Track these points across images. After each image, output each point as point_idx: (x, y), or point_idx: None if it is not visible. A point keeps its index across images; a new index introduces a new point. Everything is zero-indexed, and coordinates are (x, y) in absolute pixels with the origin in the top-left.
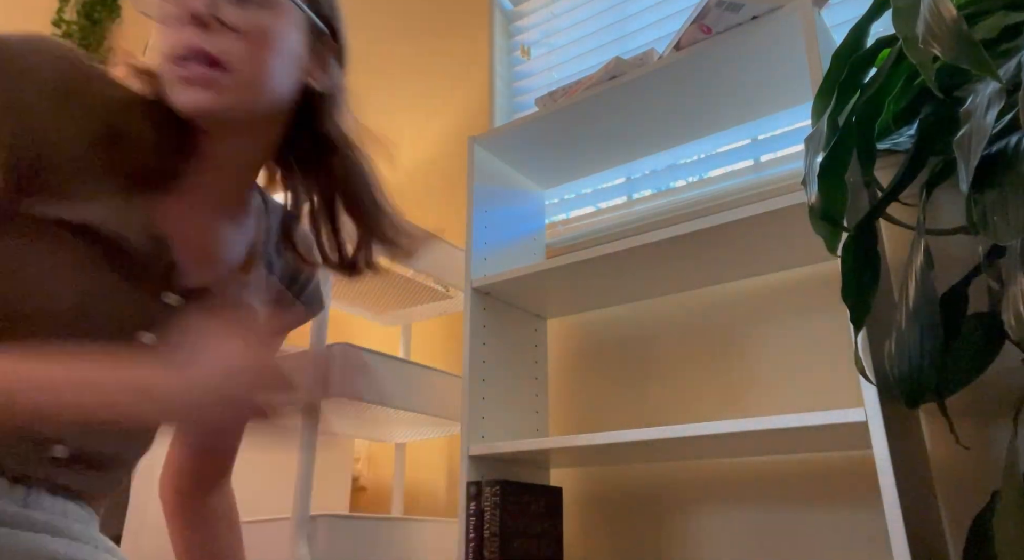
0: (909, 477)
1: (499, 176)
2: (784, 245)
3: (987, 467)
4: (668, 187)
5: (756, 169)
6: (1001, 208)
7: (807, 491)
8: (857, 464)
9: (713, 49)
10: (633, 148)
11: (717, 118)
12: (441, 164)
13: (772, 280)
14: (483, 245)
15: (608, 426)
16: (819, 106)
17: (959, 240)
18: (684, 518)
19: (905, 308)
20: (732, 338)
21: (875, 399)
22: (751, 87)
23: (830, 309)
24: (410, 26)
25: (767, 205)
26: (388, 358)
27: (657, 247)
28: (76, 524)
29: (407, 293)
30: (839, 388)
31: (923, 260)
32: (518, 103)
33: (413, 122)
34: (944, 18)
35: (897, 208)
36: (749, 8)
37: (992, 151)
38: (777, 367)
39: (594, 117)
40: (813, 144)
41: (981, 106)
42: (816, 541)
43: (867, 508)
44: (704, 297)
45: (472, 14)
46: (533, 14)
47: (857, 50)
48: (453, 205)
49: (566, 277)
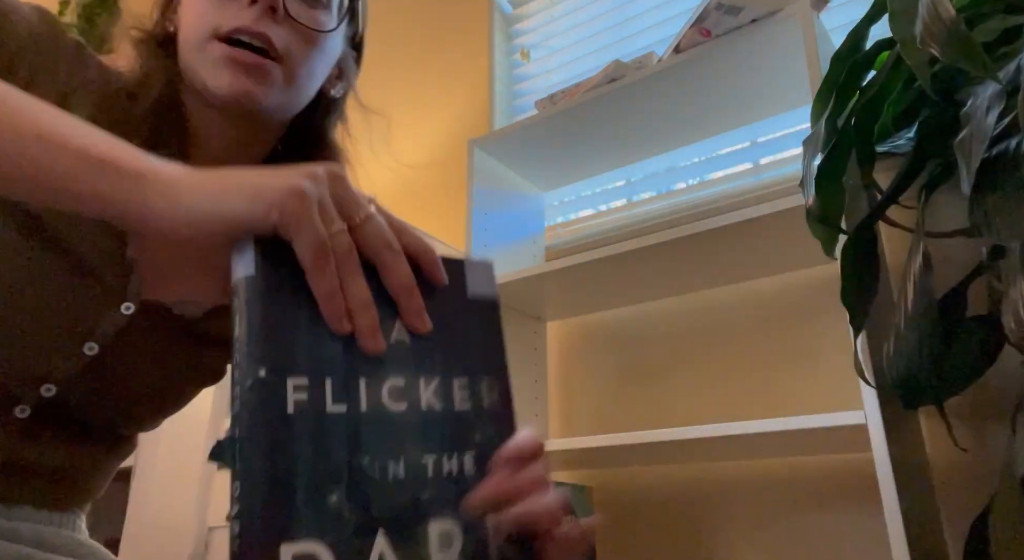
0: (908, 479)
1: (499, 178)
2: (784, 247)
3: (987, 469)
4: (668, 190)
5: (756, 171)
6: (1003, 210)
7: (806, 493)
8: (856, 466)
9: (713, 52)
10: (633, 151)
11: (717, 121)
12: (441, 166)
13: (771, 283)
14: (483, 247)
15: (607, 429)
16: (818, 108)
17: (958, 243)
18: (684, 520)
19: (903, 310)
20: (732, 340)
21: (875, 402)
22: (751, 90)
23: (829, 312)
24: (410, 29)
25: (767, 208)
26: None
27: (657, 249)
28: (63, 530)
29: None
30: (838, 391)
31: (922, 262)
32: (518, 106)
33: (413, 124)
34: (942, 19)
35: (896, 211)
36: (748, 11)
37: (992, 153)
38: (776, 370)
39: (594, 120)
40: (811, 146)
41: (981, 108)
42: (816, 543)
43: (866, 510)
44: (704, 299)
45: (472, 17)
46: (533, 17)
47: (856, 53)
48: (453, 207)
49: (566, 279)
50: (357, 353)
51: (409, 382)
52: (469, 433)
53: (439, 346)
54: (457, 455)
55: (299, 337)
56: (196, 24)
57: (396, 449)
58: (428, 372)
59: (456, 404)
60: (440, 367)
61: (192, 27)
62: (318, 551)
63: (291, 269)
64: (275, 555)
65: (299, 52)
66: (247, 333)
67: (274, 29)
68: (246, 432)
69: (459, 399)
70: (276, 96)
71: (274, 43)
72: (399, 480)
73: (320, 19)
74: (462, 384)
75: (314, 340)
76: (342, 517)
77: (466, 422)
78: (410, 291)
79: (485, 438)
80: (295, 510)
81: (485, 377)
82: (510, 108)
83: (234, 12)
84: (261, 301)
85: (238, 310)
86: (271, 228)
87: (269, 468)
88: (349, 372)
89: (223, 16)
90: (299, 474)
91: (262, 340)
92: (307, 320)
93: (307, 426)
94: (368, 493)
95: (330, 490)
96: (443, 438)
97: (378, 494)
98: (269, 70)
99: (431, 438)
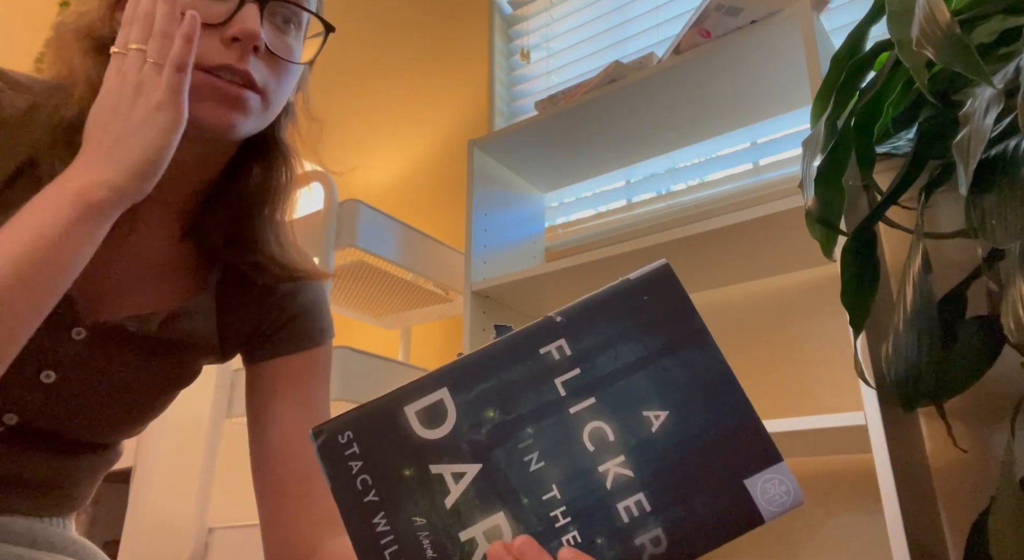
0: (909, 480)
1: (499, 179)
2: (784, 248)
3: (987, 470)
4: (668, 190)
5: (755, 172)
6: (1000, 211)
7: (807, 493)
8: (856, 467)
9: (712, 53)
10: (632, 151)
11: (716, 122)
12: (441, 167)
13: (772, 283)
14: (483, 248)
15: None
16: (817, 109)
17: (958, 243)
18: None
19: (903, 311)
20: (731, 341)
21: (875, 403)
22: (750, 91)
23: (829, 312)
24: (410, 29)
25: (767, 208)
26: (388, 361)
27: (656, 250)
28: (54, 528)
29: (407, 296)
30: (838, 391)
31: (921, 263)
32: (518, 106)
33: (413, 125)
34: (938, 22)
35: (896, 211)
36: (748, 12)
37: (991, 155)
38: (776, 370)
39: (593, 120)
40: (810, 147)
41: (980, 110)
42: (816, 544)
43: (867, 511)
44: (704, 300)
45: (472, 17)
46: (533, 18)
47: (856, 54)
48: (452, 208)
49: (565, 280)
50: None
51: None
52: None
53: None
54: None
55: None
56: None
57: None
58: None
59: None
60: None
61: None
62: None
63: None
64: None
65: (275, 81)
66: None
67: (254, 64)
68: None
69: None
70: (253, 123)
71: (254, 79)
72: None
73: (293, 47)
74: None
75: None
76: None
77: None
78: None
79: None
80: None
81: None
82: (510, 109)
83: (217, 48)
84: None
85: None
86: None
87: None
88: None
89: (205, 49)
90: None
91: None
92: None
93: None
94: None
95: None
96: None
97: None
98: (247, 99)
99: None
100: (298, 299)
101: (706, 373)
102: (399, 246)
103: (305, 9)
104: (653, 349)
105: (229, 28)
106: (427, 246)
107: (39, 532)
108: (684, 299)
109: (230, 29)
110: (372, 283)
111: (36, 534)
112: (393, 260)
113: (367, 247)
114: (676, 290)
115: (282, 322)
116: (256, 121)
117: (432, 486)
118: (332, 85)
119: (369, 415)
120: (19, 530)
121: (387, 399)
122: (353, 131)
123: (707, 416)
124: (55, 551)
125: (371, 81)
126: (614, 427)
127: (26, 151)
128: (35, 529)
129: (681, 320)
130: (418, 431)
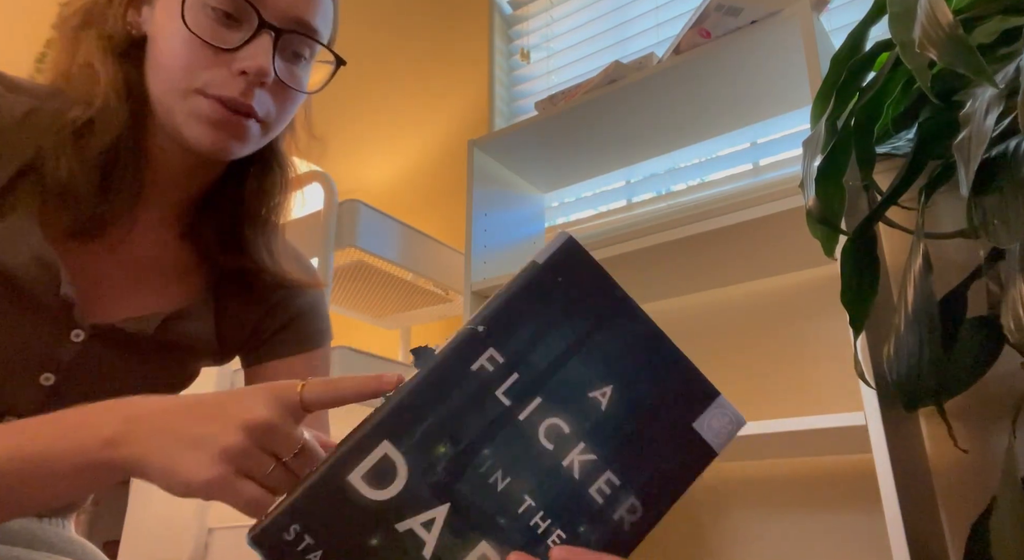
0: (909, 481)
1: (499, 179)
2: (784, 248)
3: (988, 471)
4: (668, 191)
5: (756, 173)
6: (1001, 212)
7: (806, 495)
8: (856, 467)
9: (712, 53)
10: (633, 151)
11: (717, 122)
12: (441, 167)
13: (771, 283)
14: (483, 248)
15: None
16: (817, 110)
17: (958, 244)
18: (683, 520)
19: (904, 311)
20: (731, 341)
21: (875, 403)
22: (750, 91)
23: (829, 312)
24: (410, 30)
25: (767, 209)
26: (388, 361)
27: (656, 250)
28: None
29: (407, 296)
30: (838, 391)
31: (922, 263)
32: (518, 107)
33: (413, 125)
34: (940, 23)
35: (896, 212)
36: (748, 12)
37: (992, 155)
38: (776, 371)
39: (594, 121)
40: (811, 147)
41: (980, 110)
42: (816, 545)
43: (867, 512)
44: (704, 300)
45: (472, 18)
46: (533, 18)
47: (856, 54)
48: (452, 208)
49: None
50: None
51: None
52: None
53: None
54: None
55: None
56: (180, 74)
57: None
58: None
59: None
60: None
61: (175, 73)
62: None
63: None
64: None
65: (279, 110)
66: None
67: (260, 97)
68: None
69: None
70: (250, 148)
71: (257, 112)
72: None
73: (301, 77)
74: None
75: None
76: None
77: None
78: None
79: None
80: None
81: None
82: (510, 109)
83: (224, 77)
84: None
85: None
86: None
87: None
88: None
89: (212, 78)
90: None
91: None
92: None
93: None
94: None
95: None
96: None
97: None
98: (248, 128)
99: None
100: (297, 301)
101: (637, 337)
102: (399, 246)
103: (319, 43)
104: (582, 330)
105: (240, 61)
106: (427, 246)
107: (37, 532)
108: (597, 270)
109: (241, 63)
110: (372, 283)
111: (34, 534)
112: (393, 260)
113: (367, 247)
114: (587, 263)
115: (281, 324)
116: (254, 146)
117: (404, 545)
118: (333, 85)
119: (310, 499)
120: (17, 530)
121: (325, 475)
122: (354, 131)
123: (648, 378)
124: (53, 551)
125: (371, 82)
126: (567, 418)
127: (26, 155)
128: (33, 529)
129: (601, 294)
130: (370, 495)
